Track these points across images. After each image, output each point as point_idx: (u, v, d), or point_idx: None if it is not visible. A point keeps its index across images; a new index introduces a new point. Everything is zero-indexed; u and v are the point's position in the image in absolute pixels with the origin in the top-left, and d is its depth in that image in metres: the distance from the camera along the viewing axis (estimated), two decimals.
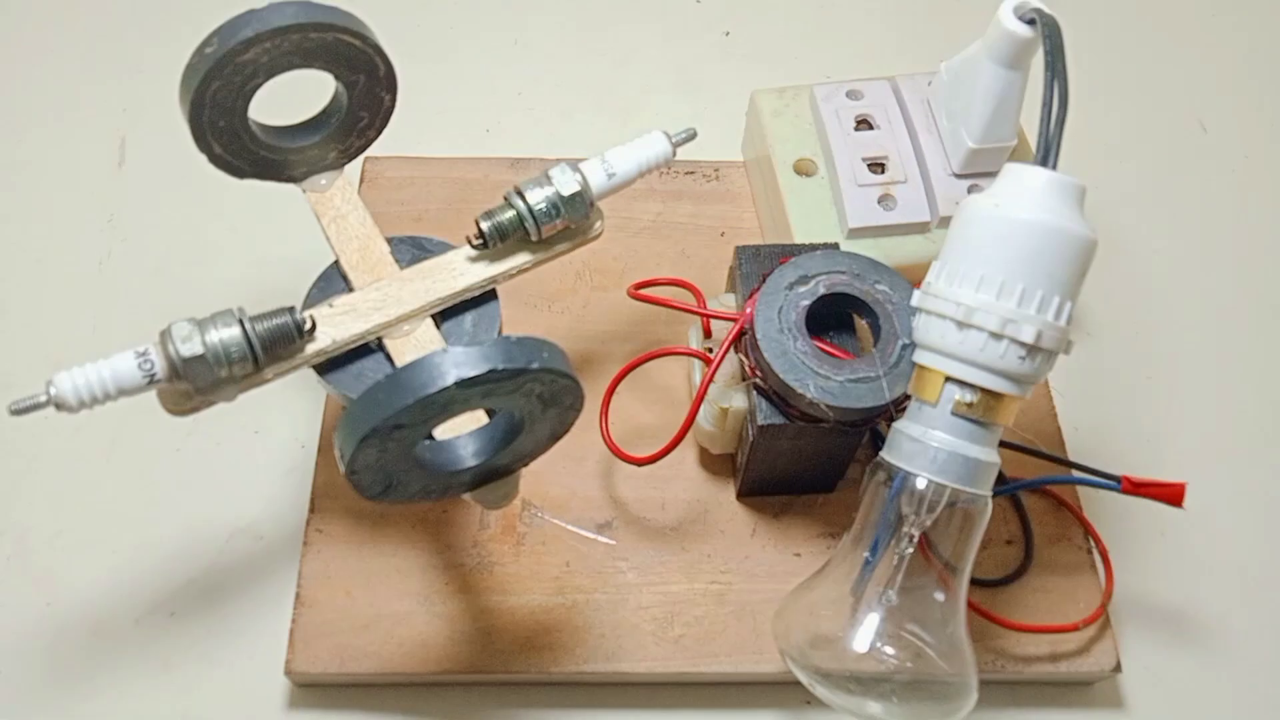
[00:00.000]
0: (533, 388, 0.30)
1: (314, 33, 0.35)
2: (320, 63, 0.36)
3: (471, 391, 0.28)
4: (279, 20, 0.34)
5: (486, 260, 0.38)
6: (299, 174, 0.39)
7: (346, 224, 0.39)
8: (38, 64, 0.59)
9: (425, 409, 0.28)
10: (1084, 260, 0.35)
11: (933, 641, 0.37)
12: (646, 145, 0.39)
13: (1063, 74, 0.36)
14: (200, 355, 0.32)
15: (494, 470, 0.34)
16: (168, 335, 0.32)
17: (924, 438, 0.35)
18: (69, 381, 0.32)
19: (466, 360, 0.28)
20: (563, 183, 0.37)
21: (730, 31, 0.64)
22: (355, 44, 0.36)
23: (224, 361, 0.33)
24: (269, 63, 0.35)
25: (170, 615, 0.44)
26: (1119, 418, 0.51)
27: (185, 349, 0.32)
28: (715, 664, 0.42)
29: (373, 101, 0.38)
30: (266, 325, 0.34)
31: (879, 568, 0.38)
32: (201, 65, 0.34)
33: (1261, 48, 0.65)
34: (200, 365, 0.32)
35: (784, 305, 0.39)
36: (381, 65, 0.37)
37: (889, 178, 0.47)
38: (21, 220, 0.54)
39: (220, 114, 0.36)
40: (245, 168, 0.38)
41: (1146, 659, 0.45)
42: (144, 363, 0.32)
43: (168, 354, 0.32)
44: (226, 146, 0.37)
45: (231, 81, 0.35)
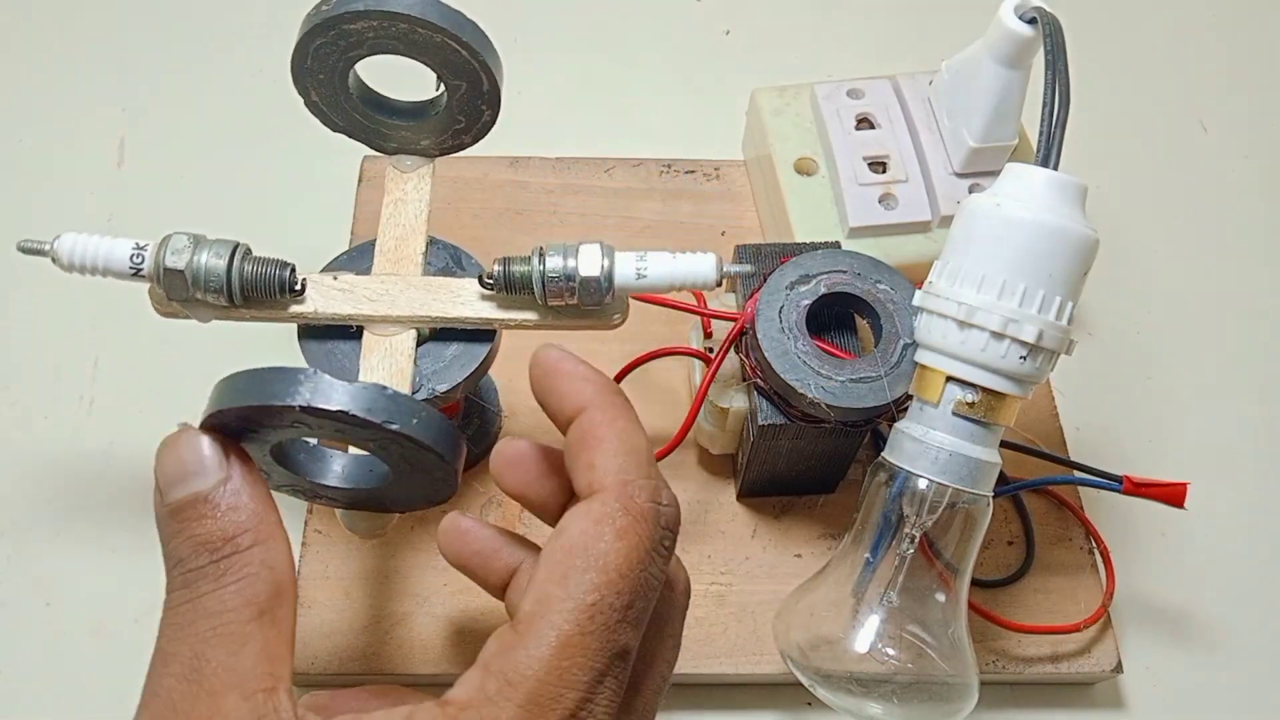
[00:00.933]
0: (394, 447, 0.29)
1: (421, 29, 0.35)
2: (425, 58, 0.37)
3: (319, 421, 0.28)
4: (392, 5, 0.34)
5: (494, 303, 0.37)
6: (390, 147, 0.40)
7: (402, 210, 0.39)
8: (38, 64, 0.59)
9: (270, 417, 0.28)
10: (1085, 260, 0.35)
11: (934, 642, 0.37)
12: (691, 263, 0.36)
13: (1064, 73, 0.36)
14: (179, 271, 0.34)
15: (364, 500, 0.34)
16: (166, 242, 0.34)
17: (925, 438, 0.35)
18: (70, 242, 0.34)
19: (323, 391, 0.27)
20: (585, 263, 0.35)
21: (730, 31, 0.64)
22: (461, 53, 0.36)
23: (200, 286, 0.34)
24: (374, 39, 0.36)
25: None
26: (1120, 418, 0.51)
27: (170, 260, 0.34)
28: (715, 665, 0.42)
29: (473, 111, 0.39)
30: (255, 270, 0.35)
31: (880, 568, 0.37)
32: (311, 19, 0.35)
33: (1261, 48, 0.65)
34: (177, 280, 0.34)
35: (785, 305, 0.39)
36: (485, 80, 0.37)
37: (890, 177, 0.47)
38: (21, 220, 0.54)
39: (321, 68, 0.37)
40: (337, 122, 0.39)
41: (1147, 659, 0.45)
42: (136, 256, 0.34)
43: (157, 257, 0.34)
44: (324, 98, 0.38)
45: (336, 44, 0.36)
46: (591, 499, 0.28)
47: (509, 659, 0.26)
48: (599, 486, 0.28)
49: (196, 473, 0.28)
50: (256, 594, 0.28)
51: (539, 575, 0.27)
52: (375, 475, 0.33)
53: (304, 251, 0.41)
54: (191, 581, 0.28)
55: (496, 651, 0.26)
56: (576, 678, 0.26)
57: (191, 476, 0.28)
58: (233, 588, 0.28)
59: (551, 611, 0.26)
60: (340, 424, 0.28)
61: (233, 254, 0.34)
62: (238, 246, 0.34)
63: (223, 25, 0.61)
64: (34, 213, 0.54)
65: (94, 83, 0.59)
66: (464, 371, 0.37)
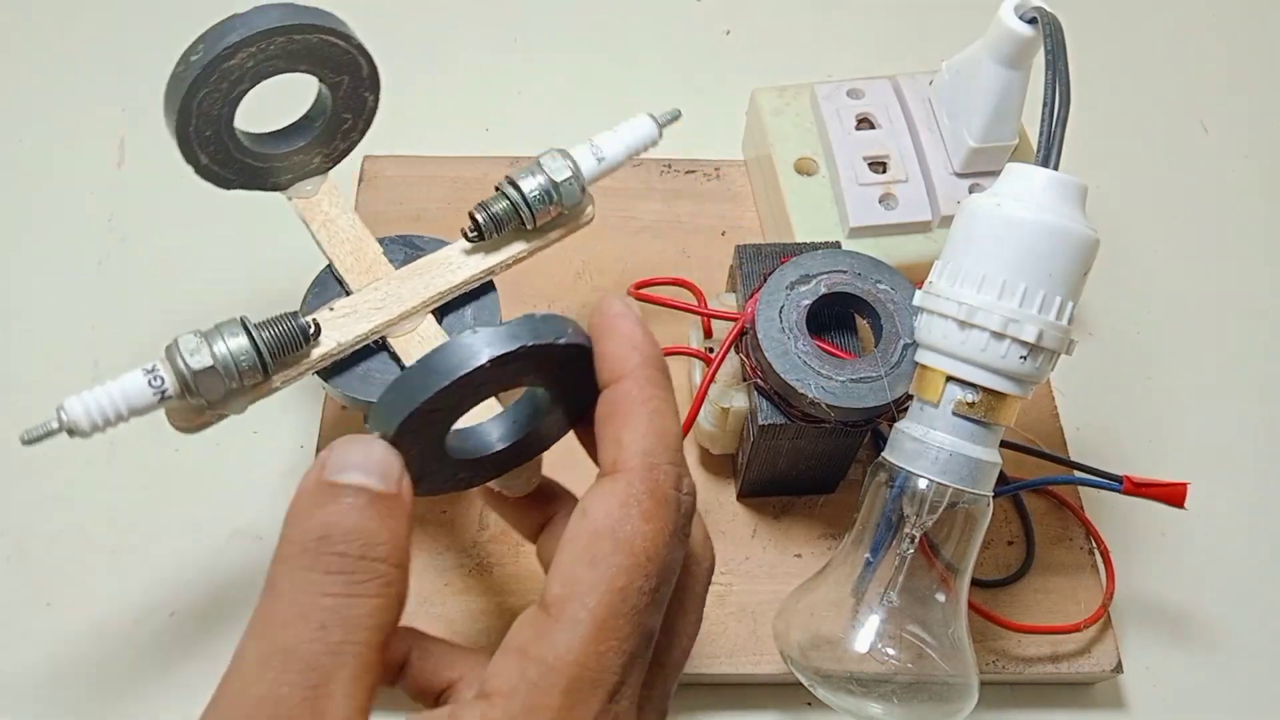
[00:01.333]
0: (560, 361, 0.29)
1: (298, 35, 0.35)
2: (305, 65, 0.36)
3: (504, 371, 0.28)
4: (264, 23, 0.34)
5: (482, 252, 0.38)
6: (285, 181, 0.39)
7: (336, 228, 0.39)
8: (38, 64, 0.59)
9: (460, 391, 0.28)
10: (1086, 260, 0.35)
11: (934, 642, 0.37)
12: (633, 129, 0.39)
13: (1064, 73, 0.36)
14: (210, 367, 0.32)
15: (518, 454, 0.34)
16: (175, 349, 0.32)
17: (925, 438, 0.35)
18: (80, 406, 0.31)
19: (498, 339, 0.27)
20: (555, 169, 0.37)
21: (730, 31, 0.64)
22: (339, 44, 0.36)
23: (234, 372, 0.32)
24: (255, 67, 0.35)
25: (170, 615, 0.44)
26: (1120, 418, 0.51)
27: (195, 361, 0.31)
28: (715, 664, 0.42)
29: (357, 102, 0.38)
30: (273, 332, 0.33)
31: (880, 568, 0.37)
32: (189, 73, 0.34)
33: (1261, 48, 0.65)
34: (211, 377, 0.32)
35: (785, 305, 0.39)
36: (365, 65, 0.37)
37: (890, 177, 0.47)
38: (21, 220, 0.54)
39: (207, 123, 0.35)
40: (232, 177, 0.38)
41: (1147, 659, 0.45)
42: (153, 379, 0.32)
43: (177, 368, 0.31)
44: (213, 156, 0.37)
45: (218, 89, 0.35)
46: (617, 478, 0.27)
47: (547, 644, 0.26)
48: (624, 466, 0.27)
49: (376, 472, 0.26)
50: (387, 623, 0.26)
51: (565, 556, 0.27)
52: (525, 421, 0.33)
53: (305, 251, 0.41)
54: (333, 569, 0.25)
55: (532, 637, 0.26)
56: (612, 661, 0.26)
57: (370, 472, 0.26)
58: (374, 602, 0.25)
59: (583, 595, 0.26)
60: (522, 362, 0.28)
61: (246, 328, 0.33)
62: (242, 320, 0.33)
63: None
64: (34, 213, 0.54)
65: (94, 83, 0.59)
66: (494, 321, 0.38)
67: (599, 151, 0.39)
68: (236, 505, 0.46)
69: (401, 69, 0.61)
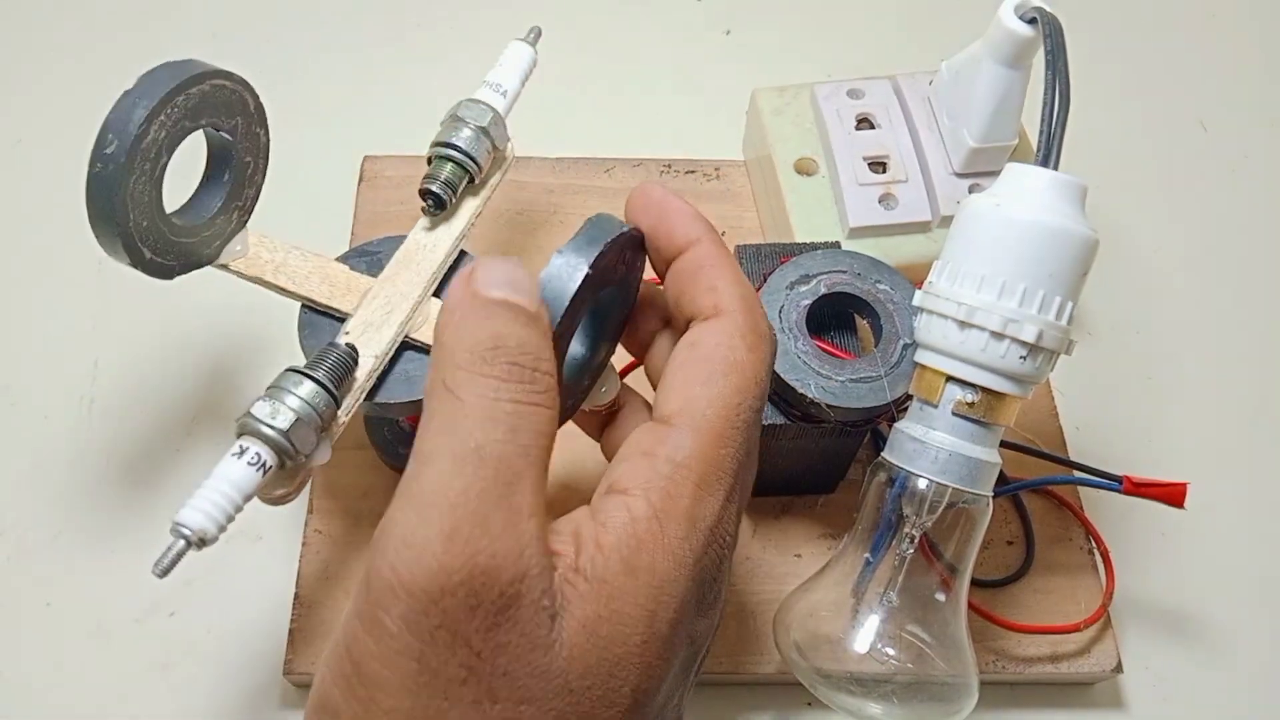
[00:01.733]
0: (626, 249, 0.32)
1: (192, 87, 0.33)
2: (205, 118, 0.35)
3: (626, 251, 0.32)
4: (160, 88, 0.33)
5: (443, 225, 0.39)
6: (214, 251, 0.38)
7: (292, 268, 0.38)
8: (38, 64, 0.59)
9: (618, 250, 0.31)
10: (1085, 260, 0.35)
11: (933, 642, 0.37)
12: (515, 56, 0.42)
13: (1064, 73, 0.36)
14: (297, 420, 0.32)
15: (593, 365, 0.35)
16: (253, 421, 0.31)
17: (925, 438, 0.35)
18: (197, 516, 0.30)
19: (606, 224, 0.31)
20: (477, 116, 0.39)
21: (730, 31, 0.64)
22: (226, 85, 0.35)
23: (315, 417, 0.32)
24: (167, 136, 0.33)
25: (170, 615, 0.44)
26: (1120, 418, 0.51)
27: (280, 422, 0.31)
28: (715, 664, 0.42)
29: (252, 141, 0.37)
30: (327, 365, 0.33)
31: (880, 568, 0.37)
32: (110, 167, 0.32)
33: (1261, 48, 0.65)
34: (301, 429, 0.32)
35: (785, 305, 0.39)
36: (251, 100, 0.36)
37: (890, 177, 0.47)
38: (21, 220, 0.54)
39: (142, 214, 0.34)
40: (173, 264, 0.36)
41: (1147, 659, 0.45)
42: (251, 458, 0.31)
43: (267, 437, 0.31)
44: (154, 248, 0.35)
45: (142, 171, 0.33)
46: (721, 317, 0.30)
47: (673, 447, 0.28)
48: (724, 308, 0.30)
49: (524, 290, 0.28)
50: (554, 433, 0.28)
51: (677, 379, 0.30)
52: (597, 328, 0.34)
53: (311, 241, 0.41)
54: (511, 377, 0.27)
55: (655, 443, 0.29)
56: (728, 466, 0.29)
57: (519, 290, 0.28)
58: (549, 413, 0.27)
59: (702, 408, 0.29)
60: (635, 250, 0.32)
61: (303, 373, 0.33)
62: (294, 369, 0.33)
63: (224, 24, 0.61)
64: (34, 213, 0.54)
65: (94, 83, 0.59)
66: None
67: (499, 87, 0.40)
68: None
69: (401, 69, 0.61)
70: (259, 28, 0.61)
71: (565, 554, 0.27)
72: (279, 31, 0.61)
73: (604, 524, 0.27)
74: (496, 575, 0.25)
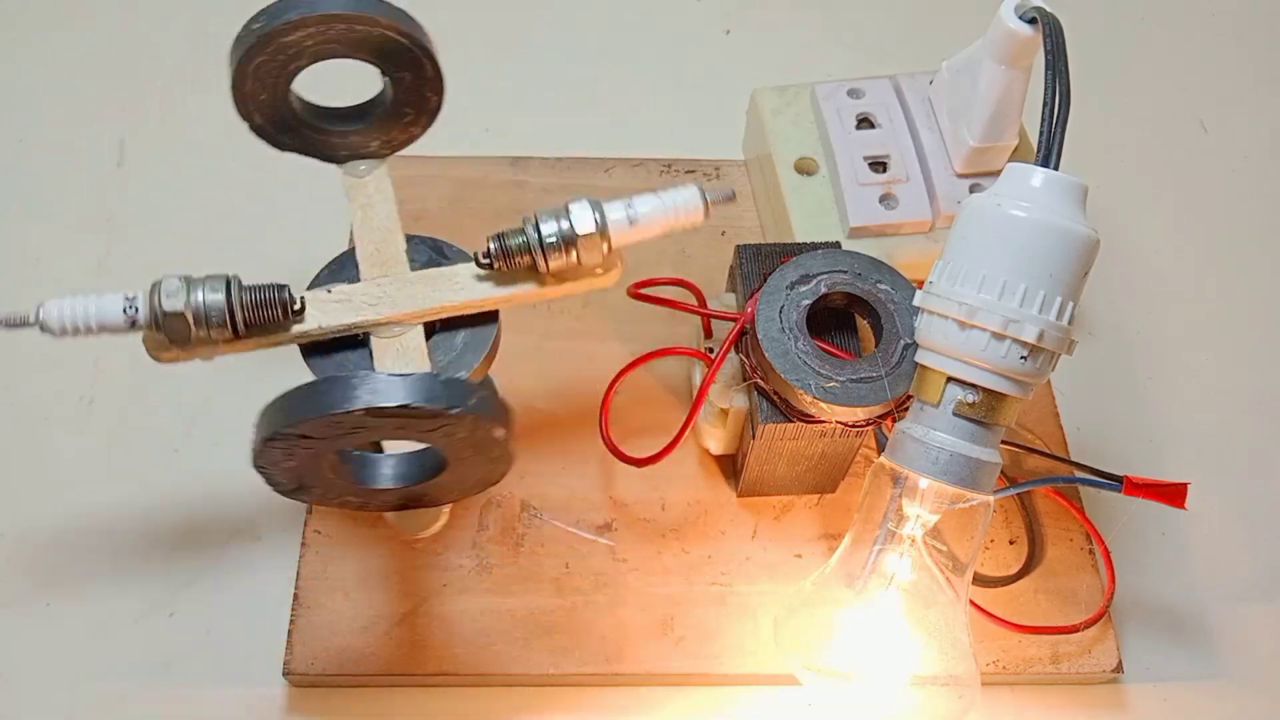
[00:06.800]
0: (454, 430, 0.29)
1: (360, 25, 0.35)
2: (366, 54, 0.36)
3: (383, 421, 0.28)
4: (326, 7, 0.34)
5: (492, 282, 0.37)
6: (341, 156, 0.40)
7: (373, 214, 0.39)
8: (38, 64, 0.59)
9: (332, 427, 0.28)
10: (1086, 260, 0.35)
11: (934, 642, 0.37)
12: (677, 196, 0.37)
13: (1064, 73, 0.36)
14: (180, 313, 0.33)
15: (417, 497, 0.34)
16: (158, 287, 0.33)
17: (926, 438, 0.35)
18: (56, 308, 0.34)
19: (384, 390, 0.27)
20: (579, 220, 0.36)
21: (730, 31, 0.64)
22: (402, 41, 0.36)
23: (203, 324, 0.33)
24: (313, 47, 0.35)
25: (170, 615, 0.44)
26: (1121, 418, 0.51)
27: (168, 304, 0.33)
28: (715, 665, 0.42)
29: (419, 99, 0.38)
30: (254, 298, 0.34)
31: (880, 568, 0.37)
32: (246, 40, 0.35)
33: (1261, 48, 0.65)
34: (178, 322, 0.33)
35: (785, 305, 0.39)
36: (429, 66, 0.37)
37: (890, 176, 0.47)
38: (21, 220, 0.54)
39: (263, 88, 0.36)
40: (286, 141, 0.39)
41: (1148, 659, 0.45)
42: (129, 307, 0.33)
43: (152, 304, 0.33)
44: (268, 118, 0.37)
45: (275, 59, 0.35)
46: None
47: None
48: None
49: None
50: None
51: None
52: (422, 471, 0.33)
53: (305, 251, 0.41)
54: None
55: None
56: None
57: None
58: None
59: None
60: (404, 419, 0.28)
61: (228, 286, 0.34)
62: (230, 279, 0.34)
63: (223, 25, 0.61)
64: (34, 213, 0.54)
65: (94, 83, 0.59)
66: (477, 356, 0.37)
67: (634, 212, 0.36)
68: (236, 506, 0.46)
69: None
70: None
71: None
72: None
73: None
74: None
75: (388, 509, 0.35)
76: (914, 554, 0.37)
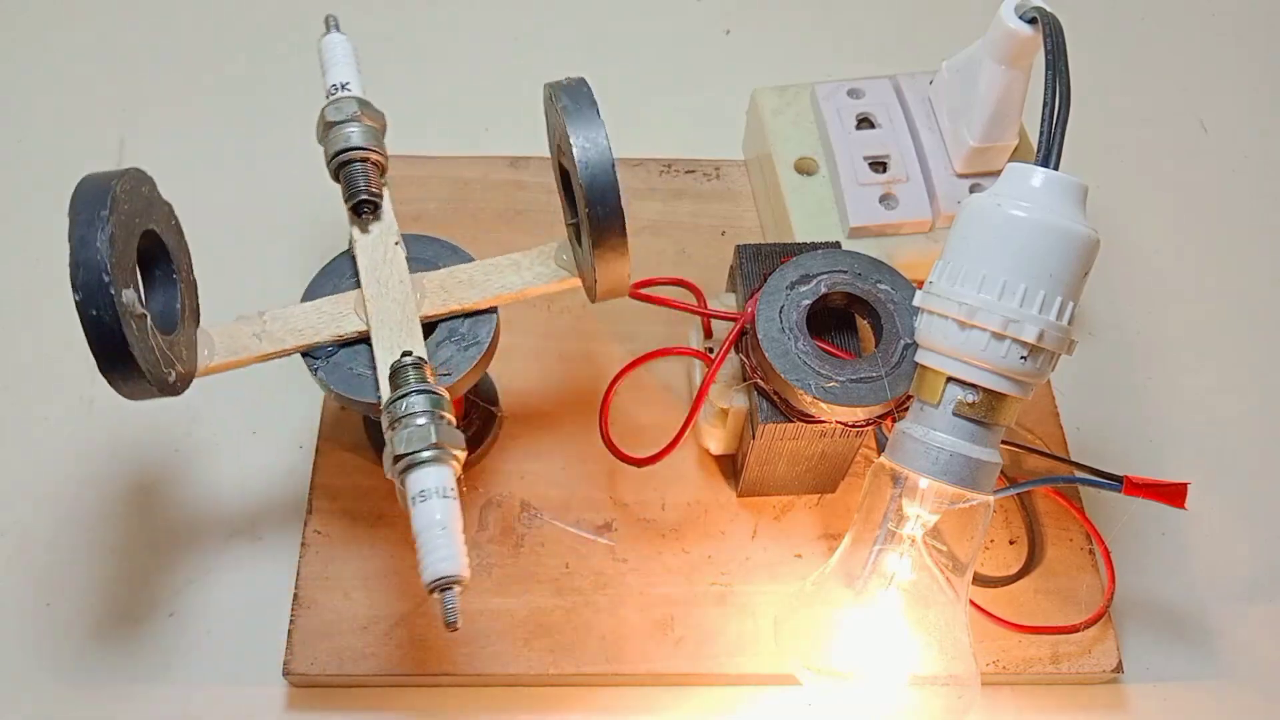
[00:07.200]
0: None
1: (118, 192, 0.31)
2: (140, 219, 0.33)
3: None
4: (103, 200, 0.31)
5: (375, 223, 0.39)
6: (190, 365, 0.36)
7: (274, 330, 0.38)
8: (38, 64, 0.59)
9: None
10: (1086, 260, 0.35)
11: (934, 642, 0.37)
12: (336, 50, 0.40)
13: (1064, 73, 0.36)
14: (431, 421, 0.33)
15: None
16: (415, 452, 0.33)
17: (926, 438, 0.35)
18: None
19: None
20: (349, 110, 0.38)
21: (730, 31, 0.64)
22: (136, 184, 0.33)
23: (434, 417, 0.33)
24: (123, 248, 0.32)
25: (170, 615, 0.44)
26: (1121, 418, 0.51)
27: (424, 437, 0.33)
28: (715, 665, 0.42)
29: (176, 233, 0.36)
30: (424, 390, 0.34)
31: (880, 568, 0.37)
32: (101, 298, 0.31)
33: (1261, 48, 0.65)
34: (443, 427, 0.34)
35: (785, 305, 0.39)
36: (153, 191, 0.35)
37: (890, 176, 0.47)
38: (21, 220, 0.54)
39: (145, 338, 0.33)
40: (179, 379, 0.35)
41: (1148, 659, 0.45)
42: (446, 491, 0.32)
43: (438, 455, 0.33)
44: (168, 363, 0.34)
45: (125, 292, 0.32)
46: None
47: None
48: None
49: None
50: None
51: None
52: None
53: (304, 250, 0.41)
54: None
55: None
56: None
57: None
58: None
59: None
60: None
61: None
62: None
63: (223, 25, 0.61)
64: (34, 213, 0.54)
65: (94, 83, 0.59)
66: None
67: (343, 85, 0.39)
68: (236, 505, 0.46)
69: (401, 68, 0.61)
70: (260, 28, 0.61)
71: None
72: (280, 31, 0.61)
73: None
74: None
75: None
76: (914, 554, 0.37)
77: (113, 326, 0.31)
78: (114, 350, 0.31)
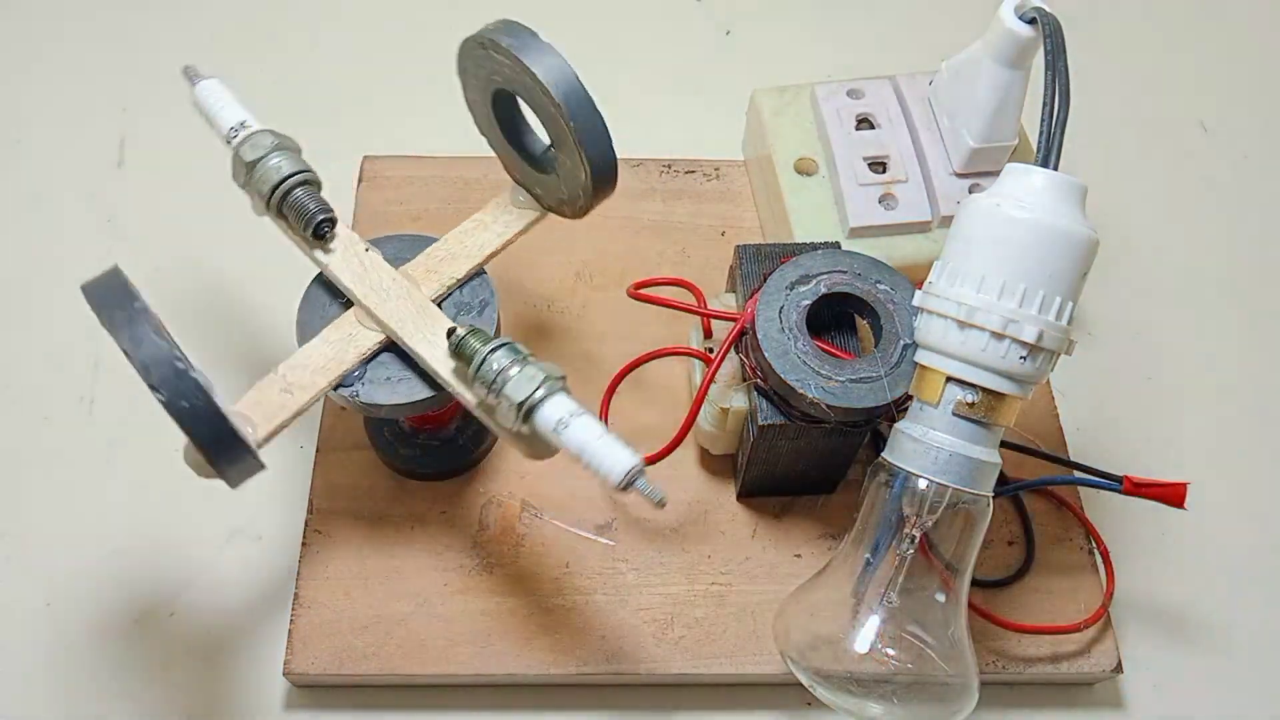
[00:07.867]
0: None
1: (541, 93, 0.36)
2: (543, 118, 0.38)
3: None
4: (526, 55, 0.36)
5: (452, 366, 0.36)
6: (515, 176, 0.42)
7: (474, 234, 0.40)
8: (38, 64, 0.59)
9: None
10: (1085, 260, 0.35)
11: (934, 643, 0.37)
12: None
13: (1064, 73, 0.36)
14: (248, 162, 0.36)
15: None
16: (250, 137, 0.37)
17: (925, 438, 0.35)
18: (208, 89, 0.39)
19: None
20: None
21: (730, 31, 0.64)
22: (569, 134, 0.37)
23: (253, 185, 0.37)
24: (508, 76, 0.37)
25: (170, 615, 0.44)
26: (1120, 418, 0.51)
27: (245, 152, 0.37)
28: (715, 665, 0.42)
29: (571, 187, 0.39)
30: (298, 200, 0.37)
31: (880, 569, 0.37)
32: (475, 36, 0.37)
33: (1261, 48, 0.65)
34: (240, 167, 0.37)
35: (785, 305, 0.39)
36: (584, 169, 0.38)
37: (890, 177, 0.47)
38: (22, 220, 0.54)
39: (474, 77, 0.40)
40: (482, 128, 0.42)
41: (1147, 659, 0.45)
42: (233, 132, 0.38)
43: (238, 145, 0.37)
44: (473, 101, 0.41)
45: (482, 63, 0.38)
46: None
47: None
48: None
49: None
50: None
51: None
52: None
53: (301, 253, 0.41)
54: None
55: None
56: None
57: None
58: None
59: None
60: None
61: (289, 177, 0.36)
62: (303, 173, 0.37)
63: (223, 25, 0.61)
64: (34, 213, 0.54)
65: (94, 83, 0.59)
66: (399, 398, 0.37)
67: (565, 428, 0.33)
68: (236, 505, 0.46)
69: (401, 68, 0.61)
70: (259, 28, 0.61)
71: None
72: (280, 31, 0.61)
73: None
74: None
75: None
76: (913, 554, 0.37)
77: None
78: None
